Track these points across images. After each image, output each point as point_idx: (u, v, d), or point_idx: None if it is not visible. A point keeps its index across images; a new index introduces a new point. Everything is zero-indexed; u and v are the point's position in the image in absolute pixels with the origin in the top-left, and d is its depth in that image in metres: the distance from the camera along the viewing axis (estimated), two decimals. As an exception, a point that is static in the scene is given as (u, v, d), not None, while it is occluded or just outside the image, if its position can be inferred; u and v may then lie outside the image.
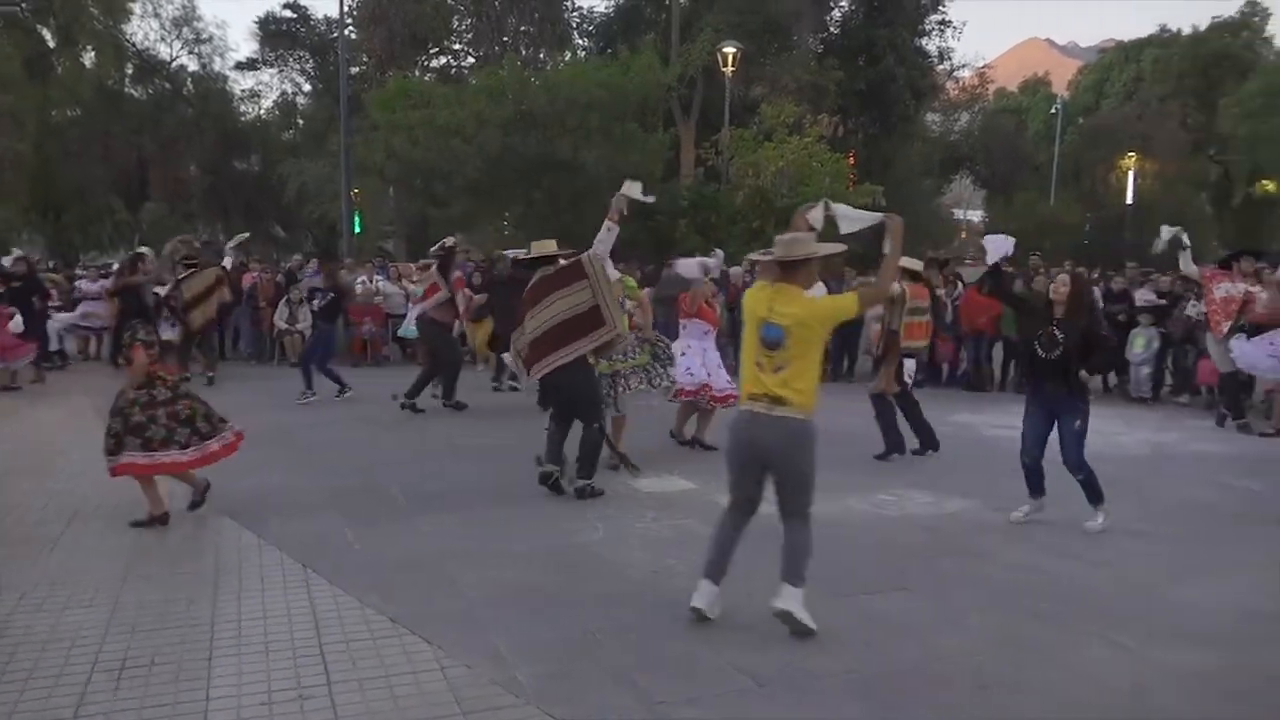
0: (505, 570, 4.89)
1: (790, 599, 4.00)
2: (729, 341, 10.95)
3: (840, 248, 4.50)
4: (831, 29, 30.35)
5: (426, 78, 26.37)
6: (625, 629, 4.10)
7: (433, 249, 10.70)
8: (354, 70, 26.40)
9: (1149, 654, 3.91)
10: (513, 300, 7.20)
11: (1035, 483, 5.93)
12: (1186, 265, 9.84)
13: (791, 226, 4.46)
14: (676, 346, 7.92)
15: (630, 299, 7.04)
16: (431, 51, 29.06)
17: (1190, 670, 3.76)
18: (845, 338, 13.19)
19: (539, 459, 6.50)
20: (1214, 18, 54.93)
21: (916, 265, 8.55)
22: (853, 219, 4.52)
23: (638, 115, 20.52)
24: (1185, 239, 9.46)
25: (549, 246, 6.70)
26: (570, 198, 19.22)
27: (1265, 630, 4.21)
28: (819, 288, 7.91)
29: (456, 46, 29.70)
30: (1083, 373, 5.70)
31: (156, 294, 12.04)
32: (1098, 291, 12.66)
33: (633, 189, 6.45)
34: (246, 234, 15.20)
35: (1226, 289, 9.65)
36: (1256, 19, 54.19)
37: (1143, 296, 12.48)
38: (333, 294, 10.54)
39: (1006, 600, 4.54)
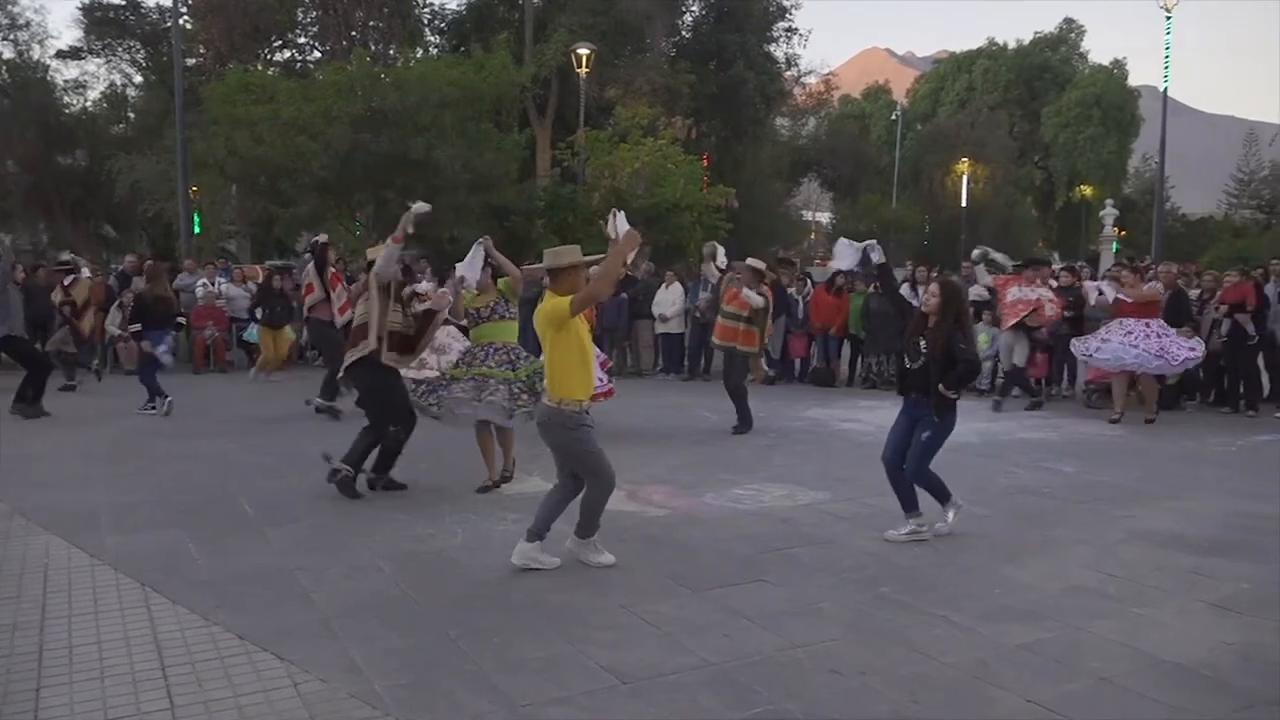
0: (360, 580, 4.76)
1: (579, 547, 4.99)
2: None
3: (595, 258, 5.13)
4: (683, 33, 30.88)
5: (270, 71, 25.33)
6: (486, 633, 4.06)
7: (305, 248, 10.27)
8: (190, 62, 25.07)
9: (984, 630, 4.16)
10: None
11: (904, 496, 5.68)
12: (983, 278, 11.04)
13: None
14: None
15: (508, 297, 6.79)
16: (274, 44, 27.94)
17: (1021, 643, 4.02)
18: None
19: (326, 455, 6.47)
20: (1036, 33, 58.80)
21: (759, 264, 9.22)
22: (621, 229, 5.15)
23: (492, 115, 20.33)
24: (995, 255, 10.61)
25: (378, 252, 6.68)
26: (424, 197, 18.81)
27: (1086, 603, 4.53)
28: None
29: (301, 40, 28.68)
30: (941, 388, 5.39)
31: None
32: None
33: (420, 207, 6.70)
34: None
35: (1016, 293, 10.76)
36: (1073, 35, 58.34)
37: (975, 292, 13.21)
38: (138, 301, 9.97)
39: (856, 586, 4.73)
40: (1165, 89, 19.66)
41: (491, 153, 19.05)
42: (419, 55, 25.20)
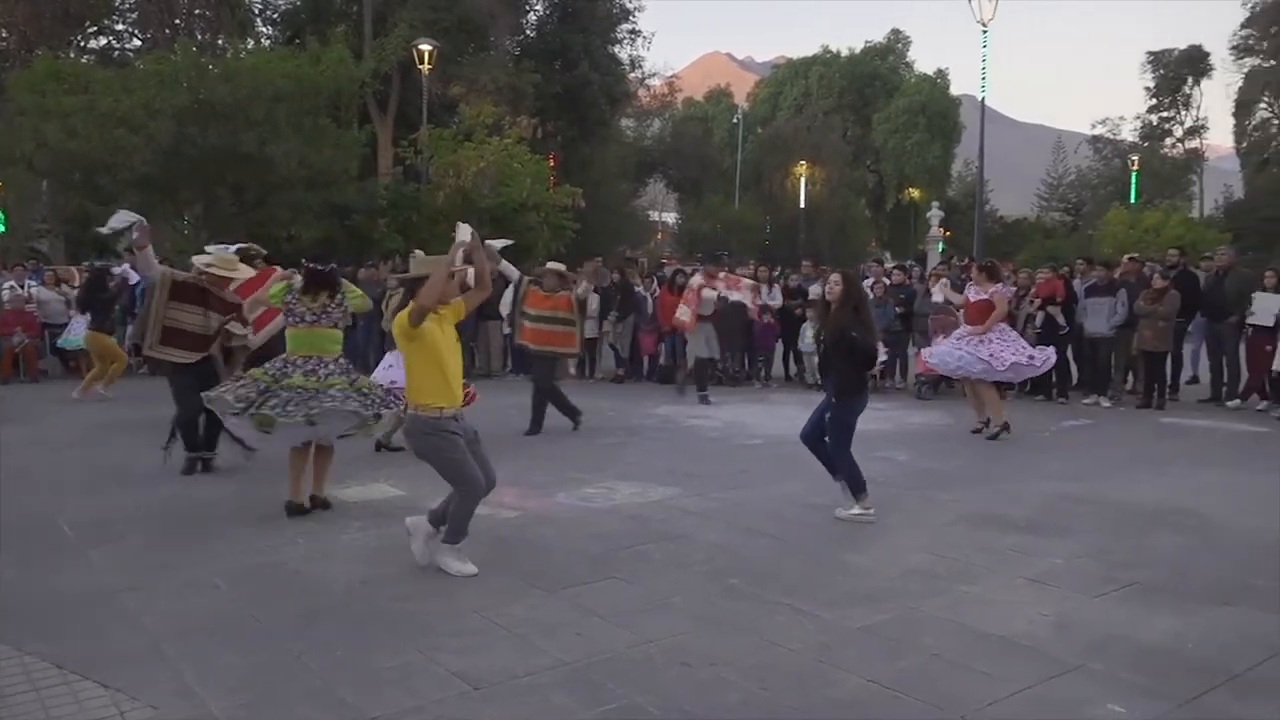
0: (194, 598, 4.51)
1: (441, 553, 4.90)
2: None
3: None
4: (528, 32, 30.77)
5: (84, 59, 23.69)
6: (332, 646, 3.93)
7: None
8: (-9, 47, 23.16)
9: (828, 615, 4.33)
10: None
11: (828, 466, 6.17)
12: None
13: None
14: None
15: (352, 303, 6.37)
16: (89, 30, 26.14)
17: (862, 626, 4.20)
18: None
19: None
20: (866, 42, 61.59)
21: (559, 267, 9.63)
22: (463, 233, 5.18)
23: (330, 110, 19.66)
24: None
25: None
26: (259, 195, 18.05)
27: (919, 584, 4.79)
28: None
29: (119, 26, 26.97)
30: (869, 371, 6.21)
31: None
32: (776, 289, 13.80)
33: (117, 218, 7.06)
34: None
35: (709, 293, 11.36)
36: (900, 45, 61.45)
37: (814, 291, 13.73)
38: None
39: (705, 580, 4.84)
40: (983, 98, 20.94)
41: (330, 149, 18.42)
42: (249, 46, 24.07)
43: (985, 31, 19.98)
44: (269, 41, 26.88)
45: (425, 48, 21.87)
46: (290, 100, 17.66)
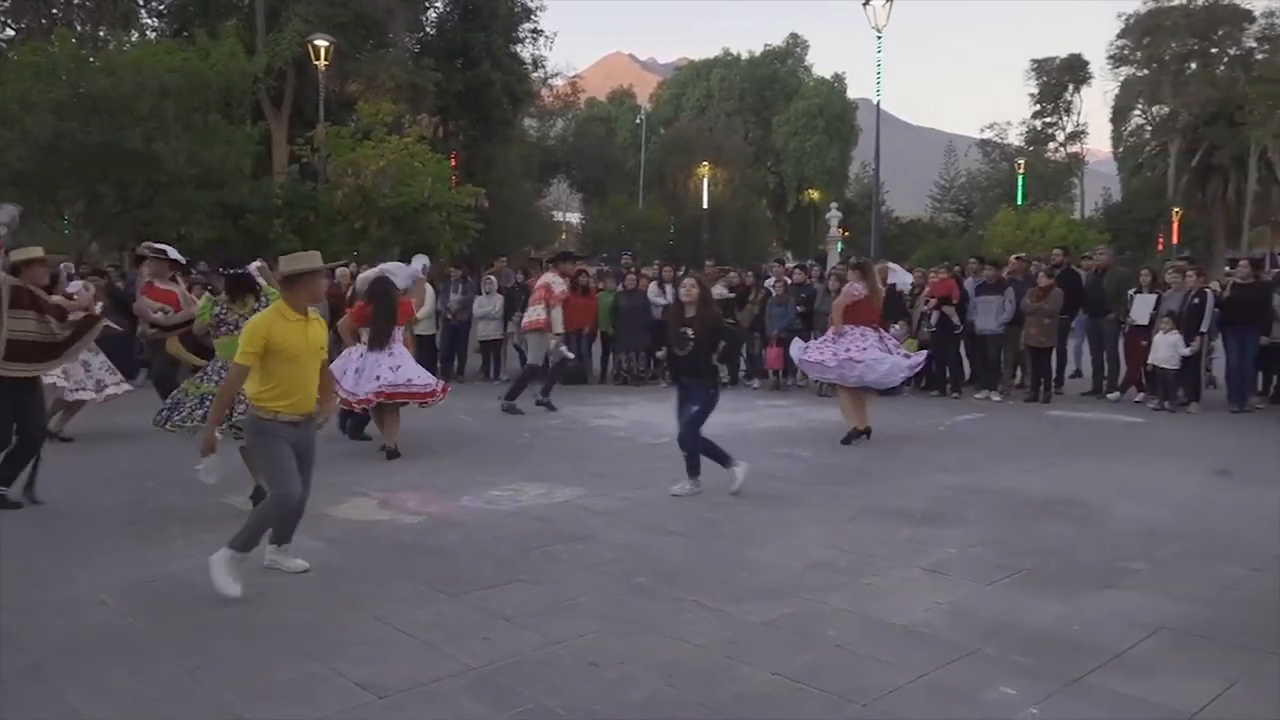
0: (79, 615, 4.30)
1: (219, 560, 4.52)
2: None
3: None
4: (428, 29, 30.32)
5: (-49, 49, 22.38)
6: (229, 660, 3.80)
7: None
8: None
9: (733, 611, 4.38)
10: None
11: (692, 464, 6.65)
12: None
13: None
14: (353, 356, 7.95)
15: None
16: (-45, 18, 24.72)
17: (766, 620, 4.27)
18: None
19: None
20: (766, 45, 62.62)
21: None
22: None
23: (221, 106, 19.03)
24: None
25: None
26: (145, 192, 17.35)
27: (822, 578, 4.89)
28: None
29: (-10, 15, 25.55)
30: (715, 360, 6.59)
31: None
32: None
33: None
34: None
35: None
36: (798, 49, 62.67)
37: (717, 291, 13.90)
38: None
39: (612, 579, 4.84)
40: (878, 102, 21.50)
41: (222, 147, 17.86)
42: (134, 39, 23.12)
43: (879, 37, 20.51)
44: (154, 34, 25.86)
45: (321, 43, 21.36)
46: (178, 95, 17.05)
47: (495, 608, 4.41)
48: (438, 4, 30.59)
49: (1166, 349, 10.70)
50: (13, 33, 25.05)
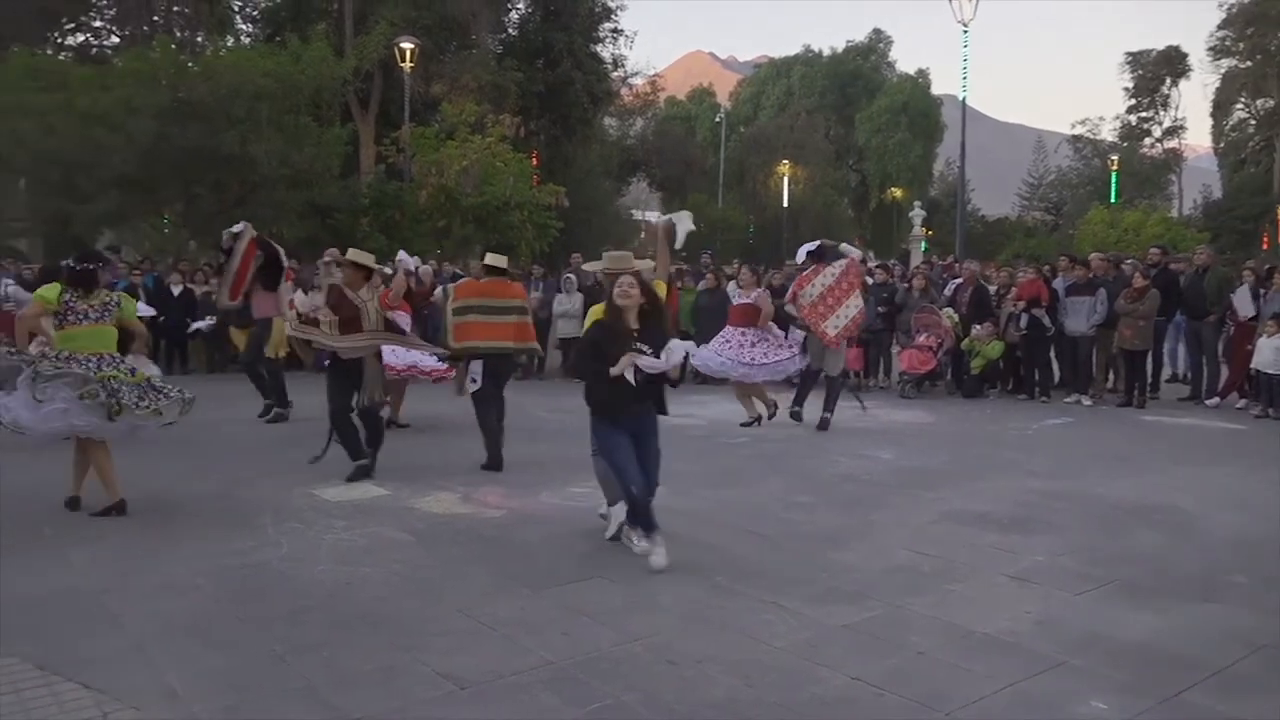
0: (176, 599, 4.47)
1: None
2: None
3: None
4: (510, 30, 30.70)
5: (61, 56, 23.46)
6: (316, 647, 3.90)
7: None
8: (-34, 43, 22.87)
9: (813, 613, 4.34)
10: None
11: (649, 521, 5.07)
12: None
13: None
14: None
15: None
16: (66, 27, 25.89)
17: (846, 623, 4.22)
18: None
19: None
20: (848, 41, 61.80)
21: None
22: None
23: (311, 108, 19.57)
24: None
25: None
26: (240, 194, 17.94)
27: (904, 581, 4.80)
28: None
29: (97, 23, 26.72)
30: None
31: None
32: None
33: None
34: None
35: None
36: (881, 45, 61.69)
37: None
38: None
39: (691, 578, 4.83)
40: (964, 98, 21.05)
41: (311, 148, 18.35)
42: (229, 44, 23.91)
43: (966, 31, 20.08)
44: (249, 39, 26.71)
45: (407, 46, 21.80)
46: (271, 98, 17.58)
47: (574, 603, 4.44)
48: (520, 5, 30.95)
49: (1271, 353, 10.23)
50: (117, 40, 26.15)
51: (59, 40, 25.67)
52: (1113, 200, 45.83)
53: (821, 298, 9.28)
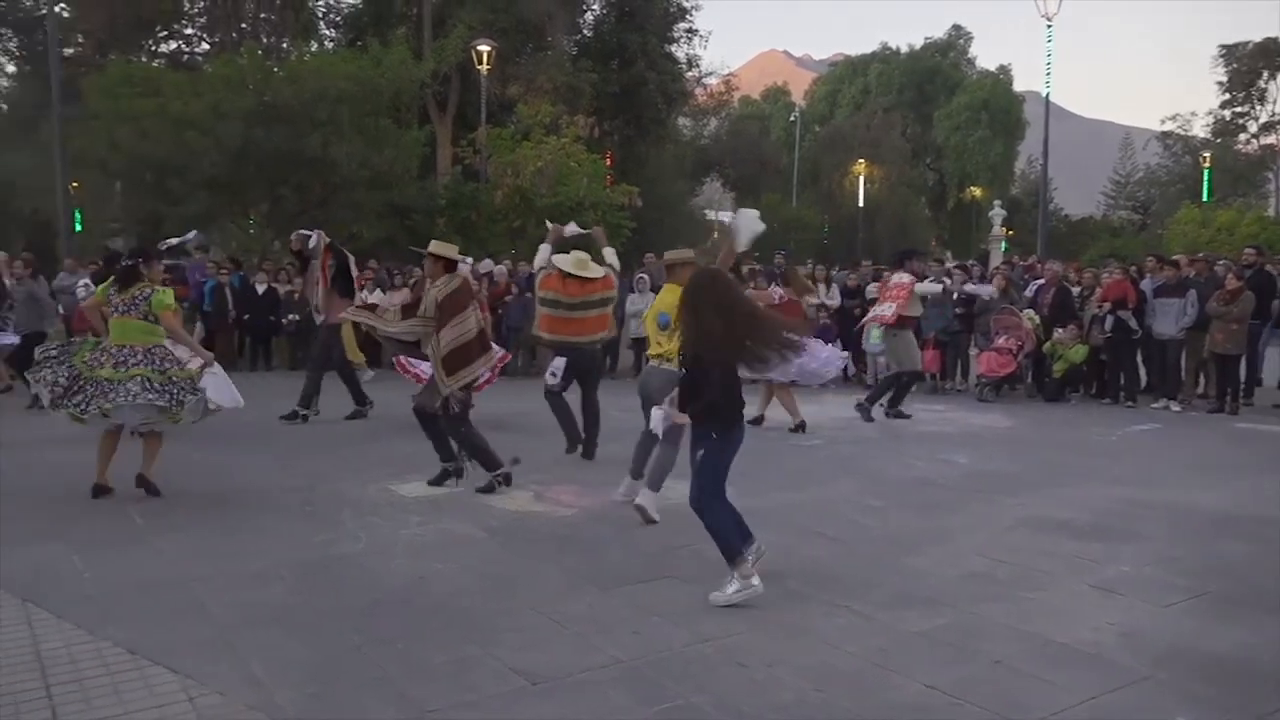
0: (259, 589, 4.62)
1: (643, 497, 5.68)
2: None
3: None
4: (585, 31, 30.87)
5: (155, 63, 24.35)
6: (390, 640, 3.99)
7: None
8: (68, 51, 23.91)
9: (886, 618, 4.28)
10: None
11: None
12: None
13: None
14: None
15: None
16: (160, 35, 26.86)
17: (919, 630, 4.15)
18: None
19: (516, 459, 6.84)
20: (926, 38, 60.74)
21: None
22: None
23: (391, 111, 19.97)
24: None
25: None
26: (321, 195, 18.41)
27: (979, 589, 4.71)
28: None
29: (188, 31, 27.67)
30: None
31: None
32: (835, 289, 13.68)
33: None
34: None
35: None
36: (961, 41, 60.43)
37: (872, 290, 13.58)
38: None
39: (762, 581, 4.80)
40: (1047, 95, 20.52)
41: (390, 149, 18.73)
42: (313, 49, 24.55)
43: (1050, 26, 19.57)
44: (332, 44, 27.36)
45: (484, 48, 22.09)
46: (352, 101, 17.99)
47: (645, 603, 4.45)
48: (595, 6, 31.11)
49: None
50: (207, 47, 27.04)
51: (153, 48, 26.64)
52: (1205, 199, 44.16)
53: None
